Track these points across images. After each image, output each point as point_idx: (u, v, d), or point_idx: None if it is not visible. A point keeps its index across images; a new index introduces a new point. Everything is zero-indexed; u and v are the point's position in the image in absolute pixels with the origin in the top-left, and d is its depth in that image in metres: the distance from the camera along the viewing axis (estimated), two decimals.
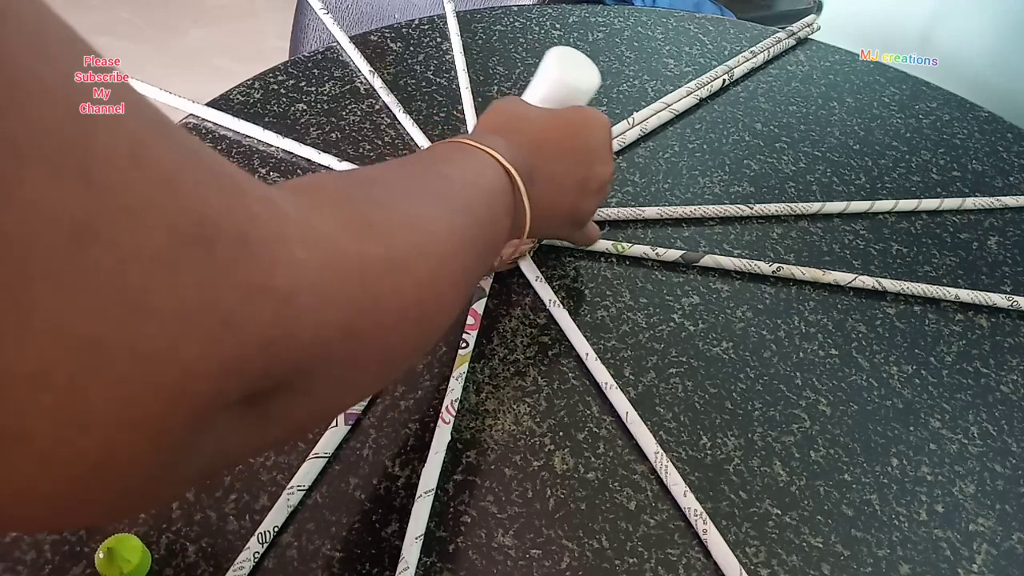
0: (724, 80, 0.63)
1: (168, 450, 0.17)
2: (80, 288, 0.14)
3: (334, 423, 0.39)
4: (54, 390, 0.14)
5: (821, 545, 0.37)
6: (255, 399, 0.19)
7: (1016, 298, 0.49)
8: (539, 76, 0.43)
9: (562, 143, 0.39)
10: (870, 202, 0.54)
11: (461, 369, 0.41)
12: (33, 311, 0.14)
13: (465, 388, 0.41)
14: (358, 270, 0.22)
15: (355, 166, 0.51)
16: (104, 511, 0.18)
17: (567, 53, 0.43)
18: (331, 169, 0.52)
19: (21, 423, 0.14)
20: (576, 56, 0.43)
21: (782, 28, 0.69)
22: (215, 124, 0.54)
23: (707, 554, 0.36)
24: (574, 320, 0.44)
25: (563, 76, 0.42)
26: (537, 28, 0.66)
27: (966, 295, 0.49)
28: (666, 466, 0.38)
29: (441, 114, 0.57)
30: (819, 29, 0.70)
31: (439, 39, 0.64)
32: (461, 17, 0.66)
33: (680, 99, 0.60)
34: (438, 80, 0.60)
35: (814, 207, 0.53)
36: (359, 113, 0.56)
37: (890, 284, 0.49)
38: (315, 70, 0.60)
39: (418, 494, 0.36)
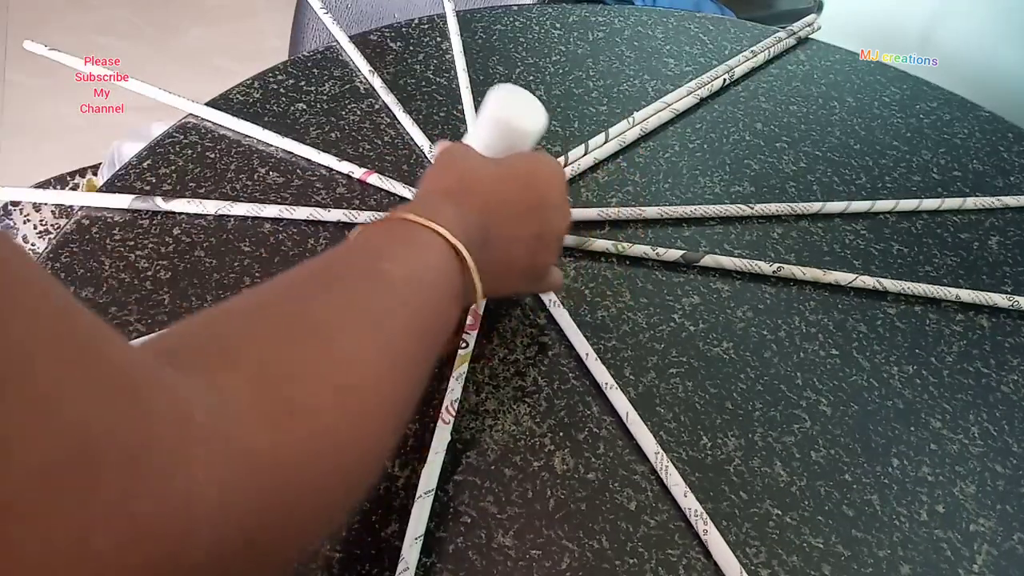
0: (724, 80, 0.63)
1: None
2: None
3: None
4: None
5: (822, 545, 0.37)
6: None
7: (1017, 298, 0.49)
8: (483, 117, 0.40)
9: (517, 200, 0.37)
10: (871, 202, 0.54)
11: (461, 369, 0.41)
12: None
13: (465, 388, 0.41)
14: (266, 466, 0.20)
15: (354, 166, 0.51)
16: None
17: (511, 93, 0.40)
18: (331, 169, 0.52)
19: None
20: (521, 95, 0.40)
21: (782, 27, 0.69)
22: (215, 124, 0.54)
23: (707, 554, 0.36)
24: (574, 320, 0.44)
25: (509, 119, 0.39)
26: (537, 28, 0.66)
27: (967, 295, 0.49)
28: (666, 466, 0.38)
29: (441, 114, 0.57)
30: (819, 29, 0.70)
31: (439, 39, 0.64)
32: (461, 16, 0.66)
33: (680, 99, 0.60)
34: (438, 80, 0.60)
35: (815, 207, 0.53)
36: (359, 113, 0.56)
37: (891, 284, 0.49)
38: (315, 70, 0.59)
39: (418, 494, 0.36)
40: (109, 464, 0.15)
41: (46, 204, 0.88)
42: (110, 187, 0.49)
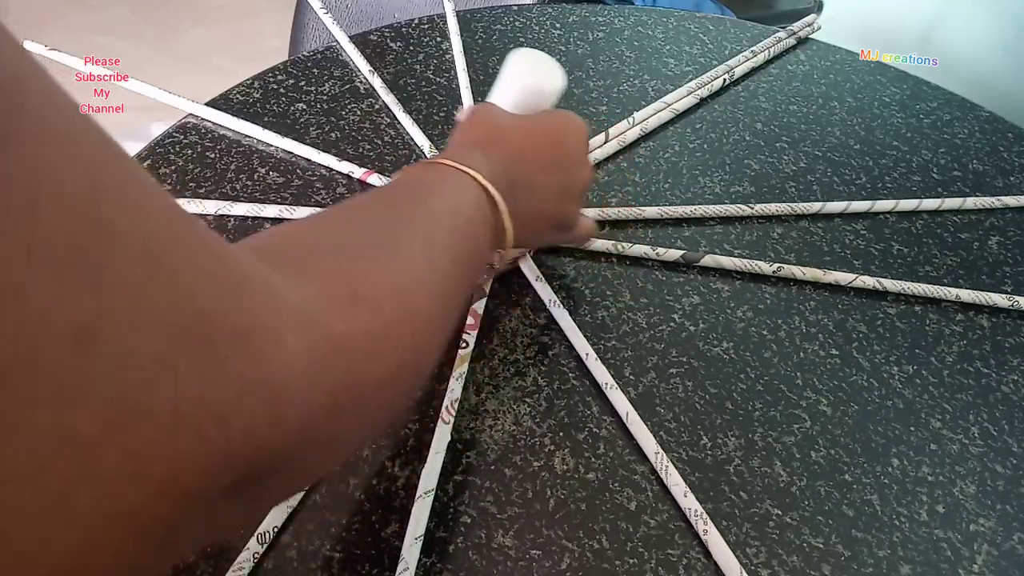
0: (724, 80, 0.63)
1: (152, 542, 0.17)
2: (80, 390, 0.14)
3: None
4: (43, 489, 0.14)
5: (822, 546, 0.37)
6: (238, 487, 0.19)
7: (1017, 298, 0.49)
8: (504, 80, 0.42)
9: (542, 151, 0.39)
10: (871, 202, 0.54)
11: (461, 369, 0.41)
12: (34, 411, 0.14)
13: (465, 388, 0.41)
14: (344, 350, 0.22)
15: (354, 166, 0.51)
16: None
17: (531, 55, 0.42)
18: (331, 169, 0.52)
19: (3, 522, 0.14)
20: (540, 57, 0.42)
21: (782, 27, 0.69)
22: (214, 124, 0.54)
23: (707, 555, 0.36)
24: (574, 320, 0.44)
25: (530, 80, 0.41)
26: (537, 28, 0.66)
27: (967, 295, 0.49)
28: (666, 466, 0.38)
29: (441, 113, 0.57)
30: (820, 29, 0.70)
31: (439, 38, 0.64)
32: (461, 16, 0.66)
33: (680, 99, 0.60)
34: (438, 80, 0.60)
35: (815, 207, 0.53)
36: (359, 113, 0.56)
37: (891, 284, 0.49)
38: (315, 70, 0.59)
39: (418, 494, 0.36)
40: (222, 335, 0.17)
41: None
42: None
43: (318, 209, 0.48)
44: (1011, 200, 0.56)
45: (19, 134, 0.14)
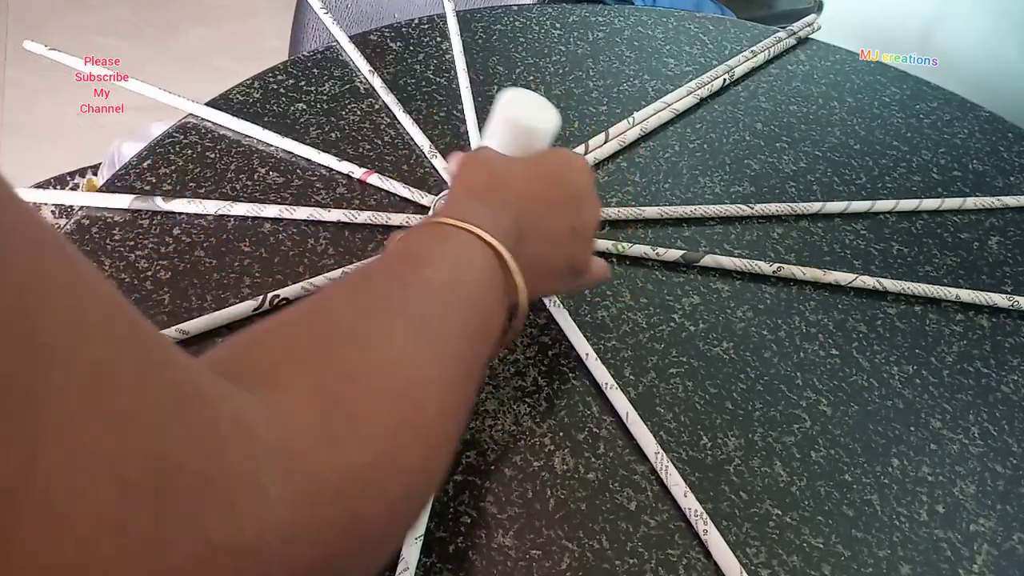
0: (724, 80, 0.63)
1: None
2: (4, 562, 0.12)
3: None
4: None
5: (822, 546, 0.37)
6: None
7: (1017, 298, 0.49)
8: (496, 122, 0.40)
9: (549, 195, 0.36)
10: (871, 202, 0.54)
11: None
12: None
13: None
14: (335, 491, 0.19)
15: (354, 166, 0.51)
16: None
17: (522, 96, 0.40)
18: (331, 169, 0.52)
19: None
20: (531, 97, 0.40)
21: (782, 28, 0.69)
22: (214, 124, 0.54)
23: (707, 555, 0.36)
24: (574, 320, 0.44)
25: (522, 121, 0.39)
26: (537, 28, 0.66)
27: (967, 295, 0.49)
28: (666, 466, 0.38)
29: (441, 114, 0.57)
30: (819, 29, 0.70)
31: (439, 38, 0.64)
32: (461, 16, 0.66)
33: (680, 99, 0.60)
34: (438, 80, 0.60)
35: (815, 207, 0.53)
36: (359, 113, 0.56)
37: (891, 284, 0.49)
38: (315, 70, 0.59)
39: None
40: (184, 484, 0.15)
41: (46, 204, 0.88)
42: (110, 187, 0.49)
43: (317, 209, 0.48)
44: (1011, 200, 0.56)
45: None
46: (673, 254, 0.48)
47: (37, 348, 0.13)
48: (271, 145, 0.53)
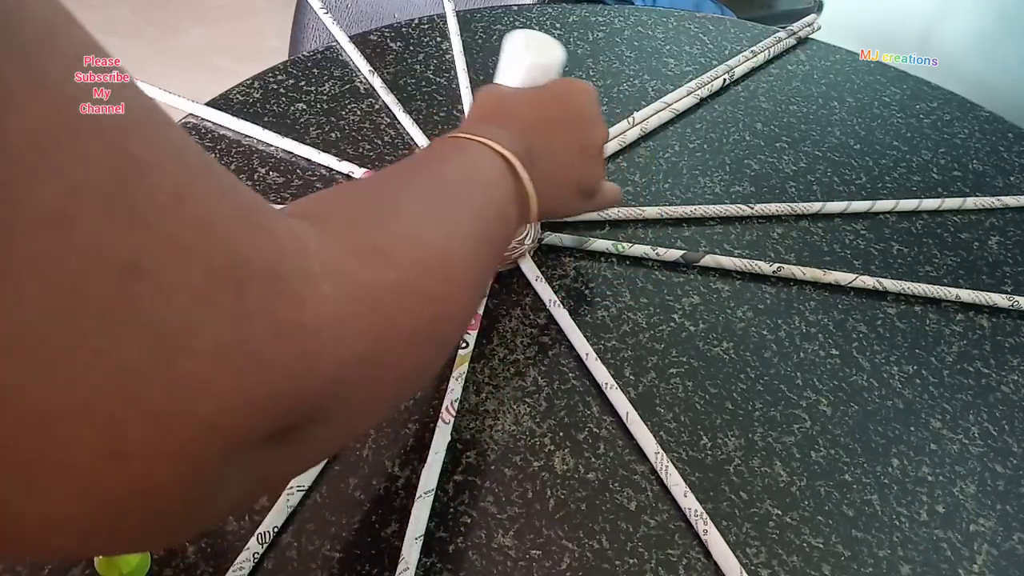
0: (724, 80, 0.63)
1: (200, 482, 0.17)
2: (125, 324, 0.15)
3: None
4: (95, 422, 0.14)
5: (822, 546, 0.37)
6: (281, 434, 0.19)
7: (1017, 298, 0.49)
8: (505, 63, 0.43)
9: (556, 115, 0.39)
10: (871, 202, 0.54)
11: (461, 369, 0.41)
12: (81, 346, 0.14)
13: (465, 388, 0.41)
14: (372, 299, 0.22)
15: (354, 166, 0.51)
16: (133, 541, 0.18)
17: (527, 35, 0.43)
18: (331, 169, 0.52)
19: (60, 452, 0.14)
20: (537, 36, 0.43)
21: (782, 28, 0.69)
22: (215, 124, 0.54)
23: (707, 555, 0.36)
24: (574, 320, 0.44)
25: (530, 58, 0.42)
26: (537, 28, 0.66)
27: (967, 295, 0.49)
28: (666, 466, 0.38)
29: (441, 114, 0.57)
30: (819, 29, 0.70)
31: (439, 38, 0.64)
32: (461, 16, 0.66)
33: (680, 98, 0.60)
34: (438, 80, 0.60)
35: (815, 207, 0.53)
36: (359, 113, 0.56)
37: (891, 284, 0.49)
38: (315, 70, 0.59)
39: (418, 494, 0.36)
40: (256, 275, 0.17)
41: None
42: None
43: None
44: (1011, 200, 0.56)
45: (50, 67, 0.14)
46: (673, 254, 0.48)
47: (135, 160, 0.15)
48: (271, 145, 0.53)
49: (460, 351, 0.42)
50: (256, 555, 0.34)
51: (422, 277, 0.25)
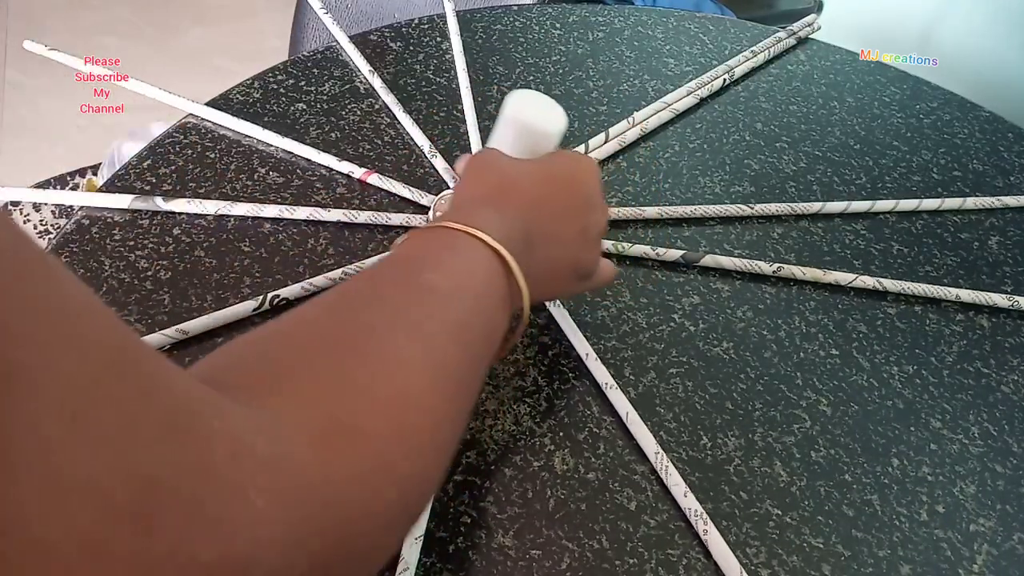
0: (724, 80, 0.63)
1: None
2: None
3: None
4: None
5: (822, 545, 0.37)
6: None
7: (1017, 298, 0.49)
8: (504, 124, 0.40)
9: (558, 198, 0.36)
10: (871, 202, 0.54)
11: None
12: None
13: None
14: (328, 500, 0.19)
15: (354, 166, 0.51)
16: None
17: (530, 97, 0.40)
18: (331, 169, 0.52)
19: None
20: (540, 99, 0.40)
21: (782, 28, 0.69)
22: (214, 124, 0.54)
23: (707, 555, 0.36)
24: (574, 320, 0.44)
25: (529, 122, 0.39)
26: (537, 28, 0.66)
27: (967, 295, 0.49)
28: (666, 466, 0.38)
29: (441, 114, 0.57)
30: (819, 29, 0.70)
31: (439, 38, 0.64)
32: (461, 16, 0.66)
33: (680, 99, 0.60)
34: (438, 80, 0.60)
35: (815, 207, 0.53)
36: (359, 113, 0.56)
37: (891, 284, 0.49)
38: (315, 70, 0.59)
39: None
40: (171, 507, 0.15)
41: (46, 204, 0.88)
42: (110, 187, 0.49)
43: (317, 209, 0.48)
44: (1011, 200, 0.56)
45: None
46: (673, 254, 0.48)
47: (11, 366, 0.12)
48: (271, 145, 0.53)
49: None
50: None
51: (397, 450, 0.22)
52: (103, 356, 0.14)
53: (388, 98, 0.57)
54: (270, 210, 0.48)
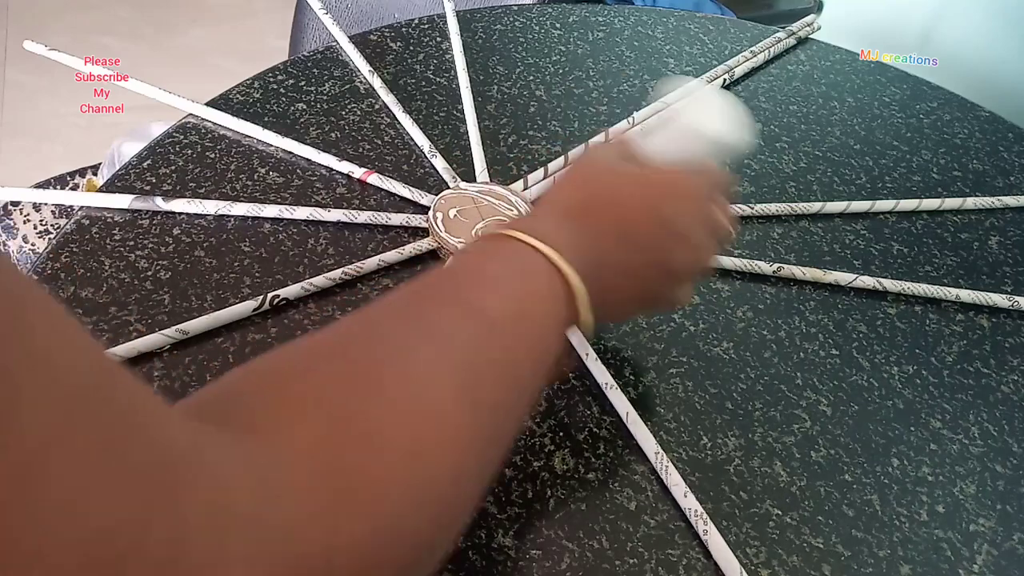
0: (724, 80, 0.63)
1: None
2: None
3: None
4: None
5: (822, 546, 0.37)
6: None
7: (1017, 298, 0.49)
8: (683, 122, 0.36)
9: (647, 227, 0.32)
10: (871, 202, 0.54)
11: None
12: None
13: None
14: (325, 569, 0.17)
15: (354, 166, 0.51)
16: None
17: (726, 100, 0.36)
18: (331, 169, 0.52)
19: None
20: (735, 107, 0.36)
21: (782, 28, 0.69)
22: (214, 124, 0.54)
23: (707, 555, 0.36)
24: None
25: (717, 130, 0.35)
26: (537, 27, 0.66)
27: (967, 295, 0.49)
28: (666, 466, 0.38)
29: (441, 114, 0.57)
30: (819, 29, 0.70)
31: (439, 38, 0.64)
32: (461, 16, 0.66)
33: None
34: (438, 79, 0.60)
35: (815, 207, 0.53)
36: (359, 113, 0.56)
37: (891, 284, 0.49)
38: (315, 70, 0.59)
39: None
40: (137, 574, 0.13)
41: (46, 204, 0.88)
42: (110, 187, 0.49)
43: (317, 209, 0.48)
44: (1011, 200, 0.56)
45: None
46: None
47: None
48: (271, 145, 0.53)
49: None
50: None
51: (408, 514, 0.19)
52: (67, 401, 0.13)
53: (388, 98, 0.57)
54: (270, 210, 0.48)
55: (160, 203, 0.47)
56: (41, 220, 0.88)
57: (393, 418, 0.20)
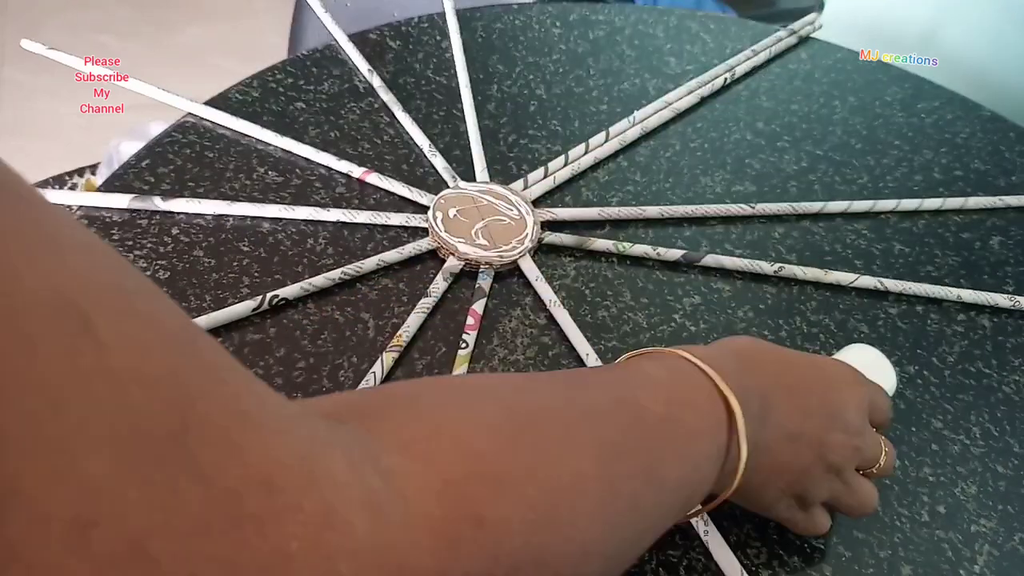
0: (725, 79, 0.62)
1: None
2: None
3: None
4: None
5: (822, 546, 0.37)
6: None
7: (1019, 298, 0.48)
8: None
9: (819, 396, 0.31)
10: (872, 202, 0.54)
11: (461, 369, 0.41)
12: None
13: None
14: None
15: (353, 165, 0.51)
16: None
17: (868, 354, 0.40)
18: (330, 168, 0.51)
19: None
20: (878, 359, 0.40)
21: (784, 26, 0.69)
22: (213, 123, 0.54)
23: (708, 555, 0.36)
24: (575, 320, 0.44)
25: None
26: (537, 26, 0.66)
27: (968, 295, 0.48)
28: None
29: (441, 112, 0.57)
30: (821, 27, 0.70)
31: (438, 37, 0.64)
32: (461, 15, 0.65)
33: (681, 97, 0.60)
34: (437, 78, 0.60)
35: (816, 206, 0.53)
36: (358, 112, 0.56)
37: (892, 284, 0.48)
38: (314, 69, 0.59)
39: None
40: None
41: None
42: (109, 187, 0.49)
43: (316, 209, 0.47)
44: (1013, 200, 0.56)
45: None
46: (674, 254, 0.48)
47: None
48: (270, 144, 0.53)
49: (460, 351, 0.42)
50: None
51: (540, 564, 0.18)
52: (141, 418, 0.12)
53: (387, 97, 0.57)
54: (269, 210, 0.48)
55: (159, 203, 0.47)
56: None
57: (530, 471, 0.19)
